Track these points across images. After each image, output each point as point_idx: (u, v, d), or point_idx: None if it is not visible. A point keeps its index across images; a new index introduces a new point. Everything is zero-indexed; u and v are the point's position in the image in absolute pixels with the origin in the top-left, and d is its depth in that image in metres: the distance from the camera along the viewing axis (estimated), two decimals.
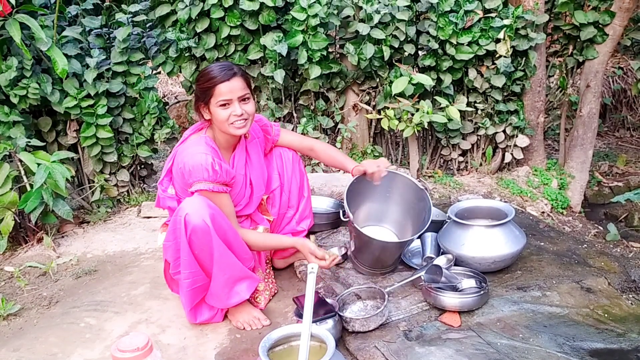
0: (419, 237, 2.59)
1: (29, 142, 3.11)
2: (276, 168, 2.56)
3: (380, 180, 2.46)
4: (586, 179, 4.06)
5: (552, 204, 3.73)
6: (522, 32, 3.50)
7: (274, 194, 2.56)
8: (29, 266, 3.00)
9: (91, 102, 3.35)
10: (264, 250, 2.51)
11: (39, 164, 2.95)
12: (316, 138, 3.77)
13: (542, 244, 2.85)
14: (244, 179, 2.38)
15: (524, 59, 3.60)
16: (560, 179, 3.94)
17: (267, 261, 2.65)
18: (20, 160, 3.04)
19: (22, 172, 3.10)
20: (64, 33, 3.30)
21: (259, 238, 2.37)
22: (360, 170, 2.47)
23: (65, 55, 3.16)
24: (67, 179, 3.03)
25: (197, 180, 2.14)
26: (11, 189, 3.04)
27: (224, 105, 2.18)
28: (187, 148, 2.22)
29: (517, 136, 3.82)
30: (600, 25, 3.66)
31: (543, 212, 3.61)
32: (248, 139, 2.42)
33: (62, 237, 3.36)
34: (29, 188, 3.08)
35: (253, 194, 2.43)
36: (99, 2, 3.74)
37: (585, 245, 2.88)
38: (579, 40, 3.76)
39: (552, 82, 4.83)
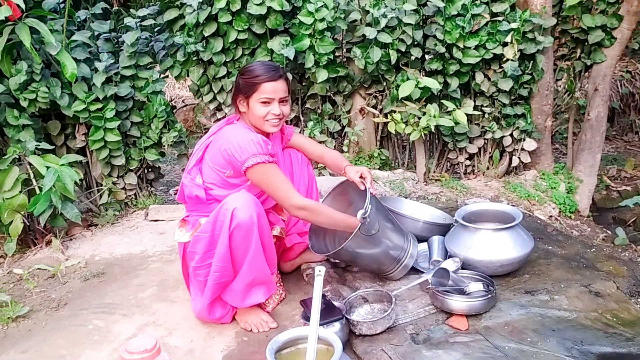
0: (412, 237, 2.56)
1: (38, 145, 3.13)
2: (287, 168, 2.58)
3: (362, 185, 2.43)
4: (594, 182, 4.05)
5: (560, 208, 3.71)
6: (530, 35, 3.50)
7: None
8: (38, 268, 3.01)
9: (99, 105, 3.37)
10: (332, 227, 2.42)
11: (48, 167, 2.97)
12: (322, 142, 3.79)
13: (550, 247, 2.83)
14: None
15: (532, 62, 3.59)
16: (568, 182, 3.93)
17: None
18: (30, 164, 3.06)
19: (32, 175, 3.12)
20: (73, 37, 3.33)
21: (333, 214, 2.32)
22: (348, 173, 2.48)
23: (74, 59, 3.19)
24: (75, 182, 3.05)
25: (251, 155, 2.16)
26: (20, 191, 3.06)
27: (265, 102, 2.25)
28: (227, 133, 2.25)
29: (524, 140, 3.81)
30: (608, 29, 3.65)
31: (551, 216, 3.59)
32: (271, 135, 2.46)
33: (71, 239, 3.38)
34: (38, 191, 3.10)
35: None
36: (108, 7, 3.77)
37: (594, 249, 2.86)
38: (586, 43, 3.75)
39: (560, 86, 4.82)
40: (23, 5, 2.85)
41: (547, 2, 3.58)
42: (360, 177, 2.44)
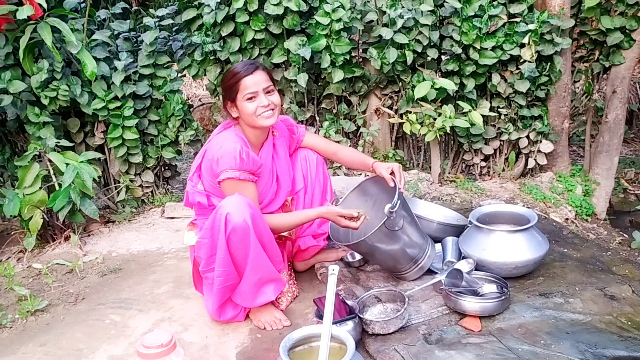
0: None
1: (58, 142, 3.18)
2: (300, 169, 2.59)
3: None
4: (611, 185, 4.01)
5: (576, 211, 3.68)
6: (547, 37, 3.47)
7: (298, 196, 2.59)
8: (57, 263, 3.07)
9: (118, 104, 3.42)
10: (292, 229, 2.47)
11: (67, 164, 3.02)
12: (338, 142, 3.79)
13: (566, 250, 2.82)
14: (271, 173, 2.42)
15: (549, 64, 3.57)
16: (585, 185, 3.89)
17: (289, 264, 2.68)
18: (50, 160, 3.11)
19: (51, 172, 3.18)
20: (94, 36, 3.38)
21: (285, 218, 2.38)
22: (378, 169, 2.47)
23: (95, 58, 3.24)
24: (94, 179, 3.10)
25: (225, 169, 2.18)
26: (40, 188, 3.11)
27: (250, 98, 2.24)
28: (218, 140, 2.27)
29: (540, 142, 3.78)
30: (627, 31, 3.62)
31: (567, 219, 3.56)
32: (276, 136, 2.47)
33: (89, 235, 3.43)
34: (57, 187, 3.15)
35: (279, 190, 2.47)
36: (128, 7, 3.82)
37: (610, 253, 2.84)
38: (605, 45, 3.72)
39: (578, 88, 4.77)
40: (45, 5, 2.90)
41: (565, 4, 3.55)
42: (390, 173, 2.43)
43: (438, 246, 2.73)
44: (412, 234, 2.43)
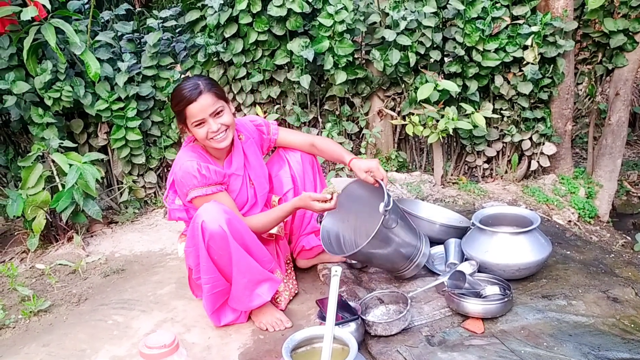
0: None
1: (62, 143, 3.20)
2: (289, 170, 2.57)
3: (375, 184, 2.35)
4: (614, 188, 4.00)
5: (579, 213, 3.68)
6: (550, 39, 3.47)
7: (286, 197, 2.56)
8: (60, 264, 3.07)
9: (121, 105, 3.43)
10: (273, 227, 2.41)
11: (70, 165, 3.03)
12: (340, 143, 3.80)
13: (569, 252, 2.81)
14: (244, 179, 2.41)
15: (552, 66, 3.57)
16: (588, 187, 3.89)
17: (288, 262, 2.68)
18: (53, 161, 3.12)
19: (55, 173, 3.19)
20: (97, 38, 3.39)
21: (261, 218, 2.36)
22: (356, 172, 2.38)
23: (98, 59, 3.25)
24: (97, 180, 3.11)
25: (190, 189, 2.20)
26: (44, 188, 3.12)
27: (198, 125, 2.21)
28: (177, 160, 2.28)
29: (543, 144, 3.78)
30: (630, 33, 3.61)
31: (570, 221, 3.56)
32: (242, 140, 2.45)
33: (92, 236, 3.44)
34: (60, 188, 3.16)
35: (257, 193, 2.46)
36: (131, 8, 3.83)
37: (613, 255, 2.84)
38: (608, 47, 3.71)
39: (581, 90, 4.77)
40: (49, 6, 2.91)
41: (568, 6, 3.55)
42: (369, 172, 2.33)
43: (441, 248, 2.73)
44: (405, 235, 2.41)
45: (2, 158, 3.45)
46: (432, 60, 3.70)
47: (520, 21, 3.48)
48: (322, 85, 3.96)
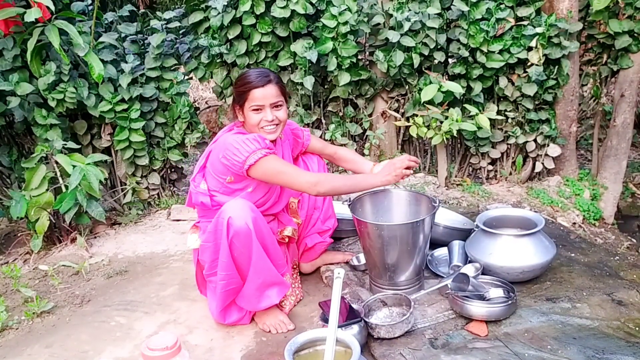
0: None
1: (65, 144, 3.20)
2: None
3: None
4: (619, 190, 3.98)
5: (583, 215, 3.66)
6: (555, 40, 3.46)
7: (303, 197, 2.60)
8: (63, 265, 3.08)
9: (125, 106, 3.43)
10: (351, 192, 2.37)
11: (74, 166, 3.03)
12: (344, 144, 3.79)
13: (573, 255, 2.80)
14: None
15: (557, 67, 3.56)
16: (593, 189, 3.87)
17: (294, 266, 2.68)
18: (57, 162, 3.13)
19: (58, 174, 3.19)
20: (101, 39, 3.40)
21: (345, 181, 2.28)
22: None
23: (102, 60, 3.25)
24: (100, 181, 3.11)
25: (250, 153, 2.16)
26: (47, 189, 3.12)
27: (256, 110, 2.25)
28: (225, 141, 2.26)
29: (548, 145, 3.77)
30: (635, 34, 3.59)
31: (574, 223, 3.54)
32: (282, 139, 2.48)
33: (95, 237, 3.44)
34: (64, 189, 3.16)
35: (283, 191, 2.47)
36: (135, 9, 3.84)
37: (618, 258, 2.82)
38: (613, 49, 3.70)
39: (586, 91, 4.75)
40: (52, 7, 2.92)
41: (573, 7, 3.54)
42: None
43: (444, 250, 2.72)
44: (423, 246, 2.37)
45: (5, 159, 3.45)
46: (436, 61, 3.69)
47: (525, 22, 3.47)
48: (325, 87, 3.96)
